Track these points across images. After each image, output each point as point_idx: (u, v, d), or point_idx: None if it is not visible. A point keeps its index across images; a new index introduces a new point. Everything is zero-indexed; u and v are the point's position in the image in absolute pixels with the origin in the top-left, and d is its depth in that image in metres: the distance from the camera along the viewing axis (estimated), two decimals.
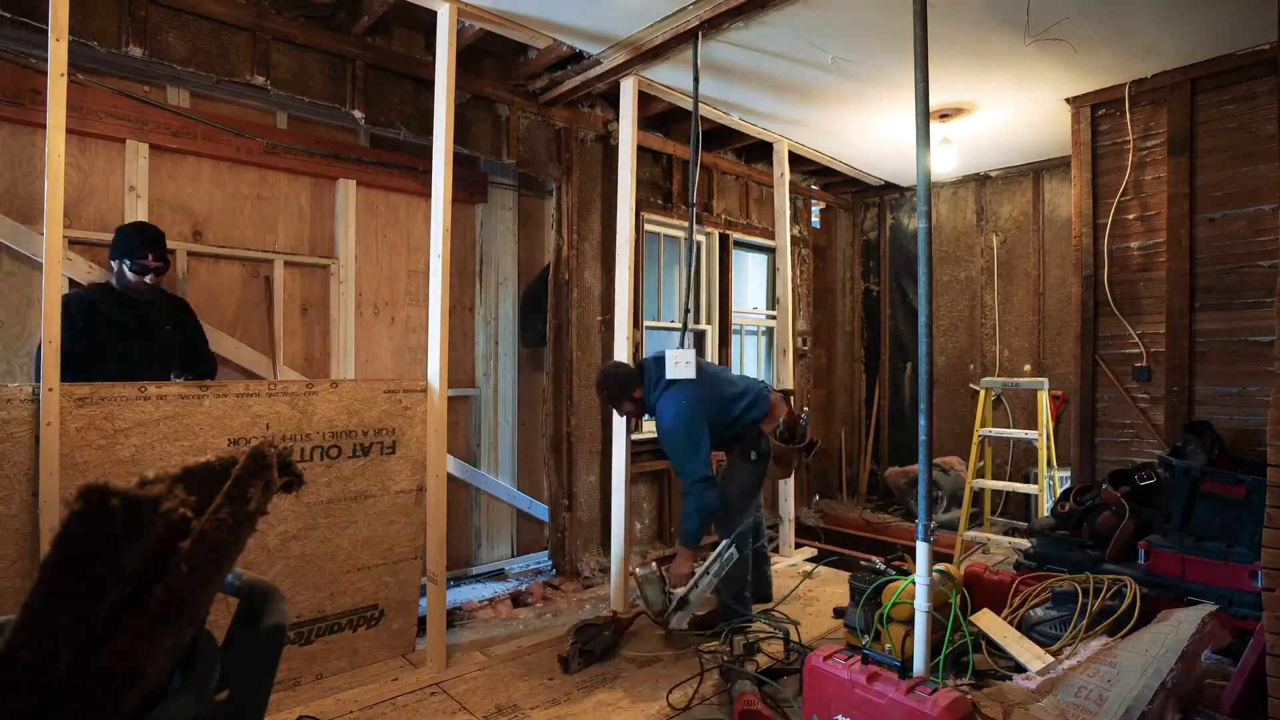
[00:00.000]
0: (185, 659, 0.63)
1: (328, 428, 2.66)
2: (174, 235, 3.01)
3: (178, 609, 0.55)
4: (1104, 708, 1.91)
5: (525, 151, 3.87)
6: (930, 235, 2.26)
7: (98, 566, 0.47)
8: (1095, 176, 3.78)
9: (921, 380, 2.22)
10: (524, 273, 4.18)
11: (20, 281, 2.66)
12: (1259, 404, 3.25)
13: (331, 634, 2.69)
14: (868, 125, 4.33)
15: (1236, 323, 3.34)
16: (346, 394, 2.71)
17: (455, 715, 2.44)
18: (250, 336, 3.20)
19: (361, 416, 2.74)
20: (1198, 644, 2.10)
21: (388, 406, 2.80)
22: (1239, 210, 3.35)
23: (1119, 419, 3.71)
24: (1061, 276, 4.93)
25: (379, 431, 2.77)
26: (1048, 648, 2.57)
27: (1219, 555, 2.69)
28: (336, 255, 3.44)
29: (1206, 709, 2.14)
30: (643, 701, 2.53)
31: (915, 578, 2.15)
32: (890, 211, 6.02)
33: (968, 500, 4.30)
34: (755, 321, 5.50)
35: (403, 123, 3.44)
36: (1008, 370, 5.22)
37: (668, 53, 3.25)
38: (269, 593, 0.74)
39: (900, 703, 1.86)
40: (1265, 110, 3.27)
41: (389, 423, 2.80)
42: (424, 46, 3.50)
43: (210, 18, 2.91)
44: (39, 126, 2.54)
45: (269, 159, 3.20)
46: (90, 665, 0.49)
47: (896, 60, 3.36)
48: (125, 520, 0.48)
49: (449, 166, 2.82)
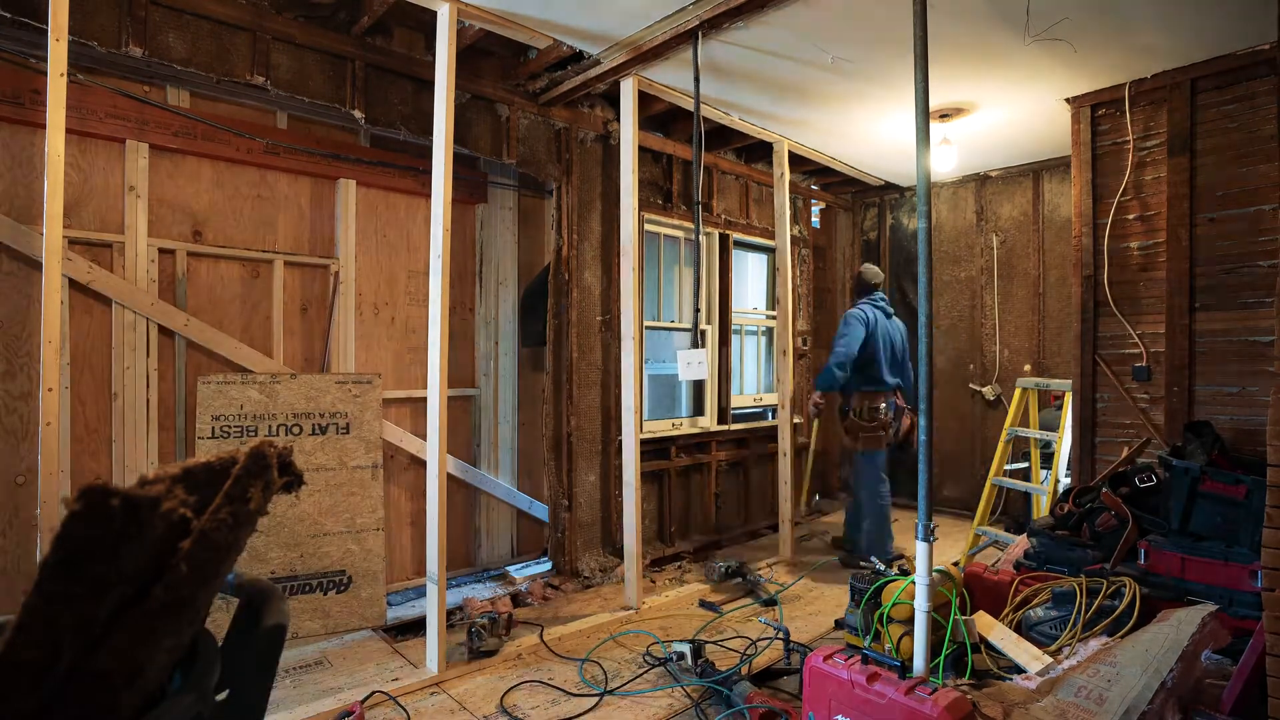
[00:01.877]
0: (185, 659, 0.63)
1: (290, 410, 3.14)
2: (174, 235, 3.02)
3: (177, 609, 0.55)
4: (1104, 707, 1.91)
5: (525, 151, 3.87)
6: (930, 235, 2.26)
7: (98, 566, 0.47)
8: (1095, 176, 3.78)
9: (921, 380, 2.22)
10: (524, 273, 4.18)
11: (20, 281, 2.66)
12: (1259, 404, 3.25)
13: (304, 593, 3.05)
14: (868, 125, 4.33)
15: (1236, 323, 3.34)
16: (304, 384, 3.19)
17: (455, 715, 2.44)
18: (250, 336, 3.21)
19: (318, 402, 3.20)
20: (1198, 644, 2.10)
21: (339, 394, 3.25)
22: (1239, 210, 3.35)
23: (1119, 419, 3.71)
24: (1061, 276, 4.93)
25: (333, 415, 3.23)
26: (1045, 648, 2.57)
27: (1219, 555, 2.68)
28: (336, 255, 3.44)
29: (1206, 709, 2.14)
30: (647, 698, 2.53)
31: (915, 578, 2.15)
32: (890, 211, 6.02)
33: (987, 496, 4.29)
34: (755, 321, 5.50)
35: (403, 123, 3.44)
36: (1007, 370, 5.21)
37: (668, 53, 3.25)
38: (269, 593, 0.74)
39: (900, 703, 1.86)
40: (1265, 110, 3.26)
41: (341, 407, 3.25)
42: (424, 46, 3.50)
43: (210, 18, 2.91)
44: (39, 126, 2.54)
45: (269, 159, 3.20)
46: (90, 665, 0.49)
47: (896, 60, 3.36)
48: (125, 520, 0.48)
49: (449, 166, 2.82)
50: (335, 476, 3.18)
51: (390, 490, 3.61)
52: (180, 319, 2.98)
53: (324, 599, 3.08)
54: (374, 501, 3.24)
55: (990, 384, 5.26)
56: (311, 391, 3.18)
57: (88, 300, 2.80)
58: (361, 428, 3.26)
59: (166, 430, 3.00)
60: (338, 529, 3.15)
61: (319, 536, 3.10)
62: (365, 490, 3.24)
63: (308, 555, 3.06)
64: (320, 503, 3.13)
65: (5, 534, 2.64)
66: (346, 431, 3.23)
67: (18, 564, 2.64)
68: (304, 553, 3.06)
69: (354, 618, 3.12)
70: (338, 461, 3.19)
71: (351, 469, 3.22)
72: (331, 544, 3.13)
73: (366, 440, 3.26)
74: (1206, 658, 2.22)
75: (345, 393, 3.25)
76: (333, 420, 3.20)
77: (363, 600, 3.16)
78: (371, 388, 3.31)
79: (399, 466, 3.63)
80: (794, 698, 2.50)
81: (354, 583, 3.15)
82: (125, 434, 2.88)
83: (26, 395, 2.67)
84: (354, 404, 3.25)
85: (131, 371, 2.89)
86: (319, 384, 3.20)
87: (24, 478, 2.66)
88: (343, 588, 3.12)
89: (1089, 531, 3.10)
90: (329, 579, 3.10)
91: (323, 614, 3.07)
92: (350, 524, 3.18)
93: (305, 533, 3.07)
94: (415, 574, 3.68)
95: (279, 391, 3.11)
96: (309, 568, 3.06)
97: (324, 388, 3.21)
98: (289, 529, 3.04)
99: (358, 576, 3.16)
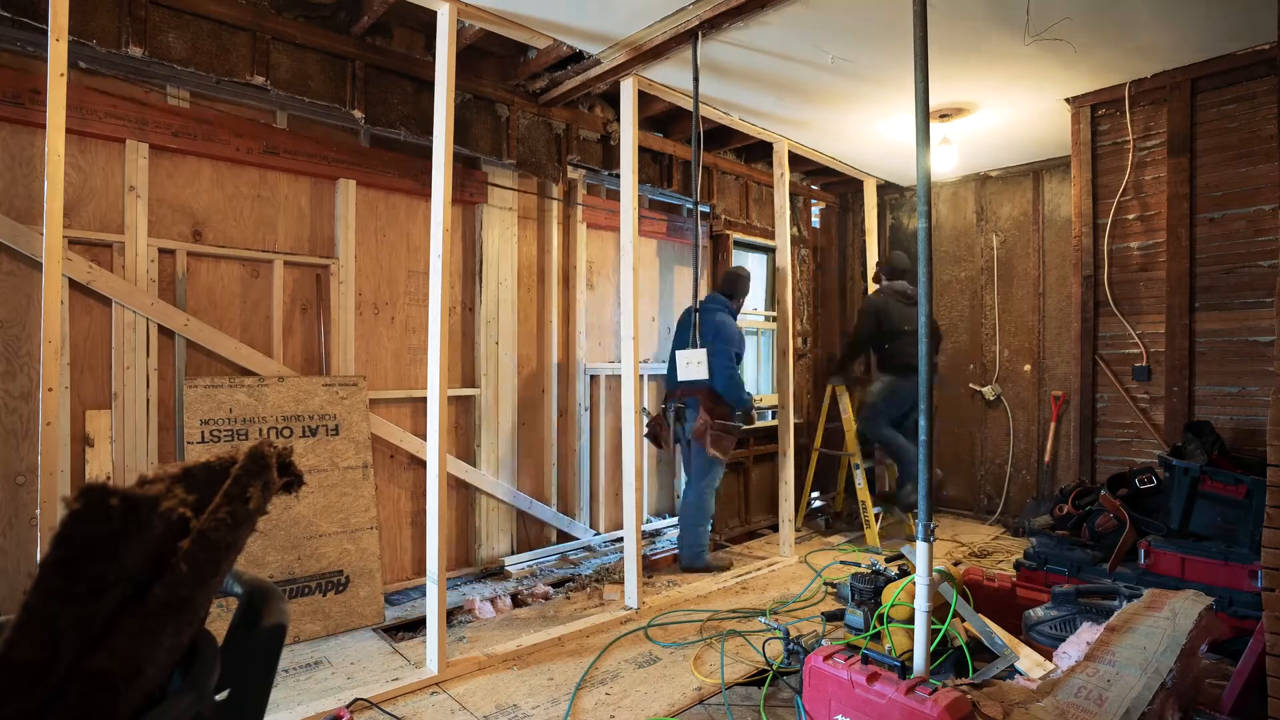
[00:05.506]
0: (185, 659, 0.63)
1: (279, 412, 3.14)
2: (174, 235, 3.02)
3: (177, 609, 0.55)
4: (1104, 708, 1.91)
5: (525, 151, 3.87)
6: (930, 235, 2.26)
7: (97, 566, 0.47)
8: (1095, 176, 3.78)
9: (921, 380, 2.22)
10: (524, 272, 4.18)
11: (20, 281, 2.66)
12: (1259, 404, 3.25)
13: (303, 596, 3.04)
14: (868, 125, 4.33)
15: (1236, 323, 3.34)
16: (292, 386, 3.20)
17: (455, 715, 2.44)
18: (250, 336, 3.21)
19: (306, 404, 3.20)
20: (1196, 639, 2.10)
21: (327, 396, 3.27)
22: (1239, 210, 3.35)
23: (1119, 419, 3.71)
24: (1061, 276, 4.93)
25: (322, 416, 3.24)
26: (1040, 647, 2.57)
27: (1219, 555, 2.69)
28: (336, 255, 3.44)
29: (1206, 709, 2.14)
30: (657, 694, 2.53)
31: (915, 577, 2.15)
32: (890, 211, 6.02)
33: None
34: (755, 322, 5.50)
35: (403, 123, 3.44)
36: (1007, 370, 5.21)
37: (668, 53, 3.25)
38: (269, 593, 0.74)
39: (900, 703, 1.86)
40: (1265, 110, 3.27)
41: (330, 409, 3.26)
42: (424, 47, 3.50)
43: (210, 18, 2.91)
44: (39, 126, 2.54)
45: (269, 159, 3.20)
46: (89, 665, 0.49)
47: (896, 60, 3.36)
48: (124, 519, 0.48)
49: (449, 166, 2.82)
50: (328, 477, 3.19)
51: (390, 490, 3.61)
52: (180, 319, 2.98)
53: (323, 600, 3.08)
54: (366, 501, 3.27)
55: (990, 384, 5.26)
56: (300, 394, 3.19)
57: (88, 300, 2.80)
58: (350, 429, 3.29)
59: (166, 430, 3.00)
60: (333, 529, 3.16)
61: (315, 538, 3.11)
62: (358, 490, 3.27)
63: (305, 557, 3.07)
64: (315, 504, 3.14)
65: (5, 534, 2.63)
66: (336, 433, 3.25)
67: (18, 564, 2.64)
68: (301, 555, 3.07)
69: (353, 617, 3.13)
70: (329, 463, 3.22)
71: (343, 470, 3.24)
72: (328, 545, 3.14)
73: (356, 441, 3.29)
74: (1204, 653, 2.22)
75: (333, 395, 3.27)
76: (322, 422, 3.22)
77: (361, 600, 3.17)
78: (358, 389, 3.34)
79: (399, 466, 3.63)
80: (797, 691, 2.50)
81: (352, 582, 3.17)
82: (125, 434, 2.88)
83: (26, 395, 2.67)
84: (342, 405, 3.28)
85: (131, 371, 2.89)
86: (307, 386, 3.22)
87: (24, 478, 2.66)
88: (341, 588, 3.14)
89: (1089, 532, 3.10)
90: (327, 580, 3.11)
91: (322, 615, 3.07)
92: (345, 524, 3.20)
93: (301, 535, 3.08)
94: (415, 574, 3.68)
95: (267, 394, 3.11)
96: (307, 569, 3.07)
97: (312, 390, 3.23)
98: (285, 531, 3.04)
99: (355, 576, 3.18)
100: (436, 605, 2.76)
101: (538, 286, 4.26)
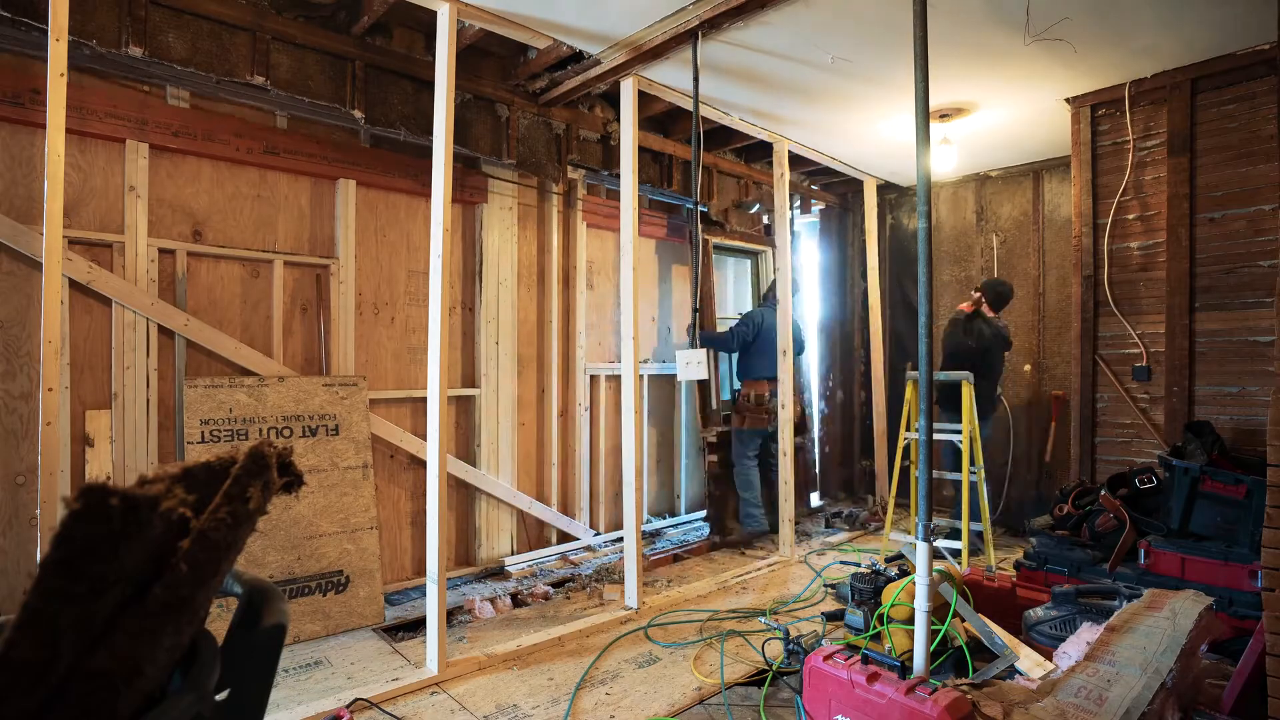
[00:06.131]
0: (185, 659, 0.63)
1: (279, 412, 3.13)
2: (174, 235, 3.02)
3: (177, 608, 0.55)
4: (1104, 708, 1.91)
5: (525, 151, 3.87)
6: (930, 235, 2.26)
7: (97, 565, 0.47)
8: (1095, 176, 3.78)
9: (921, 380, 2.22)
10: (524, 272, 4.18)
11: (20, 281, 2.66)
12: (1259, 404, 3.25)
13: (303, 596, 3.04)
14: (868, 125, 4.33)
15: (1236, 323, 3.34)
16: (292, 386, 3.19)
17: (455, 715, 2.44)
18: (250, 336, 3.21)
19: (306, 404, 3.20)
20: (1196, 639, 2.10)
21: (327, 397, 3.26)
22: (1239, 210, 3.35)
23: (1119, 419, 3.71)
24: (1061, 276, 4.93)
25: (322, 416, 3.24)
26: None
27: (1219, 555, 2.69)
28: (336, 255, 3.44)
29: (1207, 709, 2.14)
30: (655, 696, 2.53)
31: (915, 577, 2.15)
32: (890, 211, 6.02)
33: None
34: None
35: (403, 123, 3.44)
36: (1008, 370, 5.21)
37: (668, 53, 3.25)
38: (269, 593, 0.74)
39: (900, 703, 1.86)
40: (1265, 110, 3.27)
41: (329, 409, 3.26)
42: (424, 47, 3.50)
43: (210, 18, 2.91)
44: (39, 126, 2.55)
45: (269, 159, 3.20)
46: (89, 665, 0.49)
47: (896, 60, 3.36)
48: (124, 519, 0.48)
49: (449, 166, 2.82)
50: (328, 477, 3.19)
51: (390, 490, 3.61)
52: (180, 319, 2.98)
53: (323, 600, 3.08)
54: (366, 501, 3.27)
55: None
56: (300, 394, 3.19)
57: (88, 300, 2.80)
58: (350, 429, 3.29)
59: (166, 430, 3.00)
60: (333, 529, 3.16)
61: (315, 538, 3.11)
62: (358, 490, 3.26)
63: (305, 557, 3.07)
64: (315, 504, 3.14)
65: (5, 534, 2.64)
66: (336, 433, 3.25)
67: (18, 564, 2.64)
68: (301, 555, 3.06)
69: (353, 617, 3.13)
70: (329, 463, 3.21)
71: (343, 470, 3.24)
72: (328, 545, 3.14)
73: (356, 441, 3.29)
74: (1204, 653, 2.22)
75: (333, 395, 3.27)
76: (322, 422, 3.22)
77: (361, 599, 3.17)
78: (358, 389, 3.34)
79: (399, 466, 3.63)
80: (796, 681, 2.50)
81: (352, 582, 3.17)
82: (125, 434, 2.88)
83: (26, 395, 2.67)
84: (342, 405, 3.28)
85: (131, 371, 2.89)
86: (307, 386, 3.22)
87: (24, 478, 2.66)
88: (341, 588, 3.14)
89: (1089, 532, 3.10)
90: (327, 580, 3.11)
91: (323, 615, 3.07)
92: (345, 524, 3.20)
93: (301, 535, 3.08)
94: (415, 574, 3.68)
95: (267, 395, 3.11)
96: (307, 570, 3.07)
97: (312, 390, 3.22)
98: (285, 532, 3.04)
99: (355, 576, 3.18)
100: (436, 605, 2.76)
101: (538, 286, 4.26)
